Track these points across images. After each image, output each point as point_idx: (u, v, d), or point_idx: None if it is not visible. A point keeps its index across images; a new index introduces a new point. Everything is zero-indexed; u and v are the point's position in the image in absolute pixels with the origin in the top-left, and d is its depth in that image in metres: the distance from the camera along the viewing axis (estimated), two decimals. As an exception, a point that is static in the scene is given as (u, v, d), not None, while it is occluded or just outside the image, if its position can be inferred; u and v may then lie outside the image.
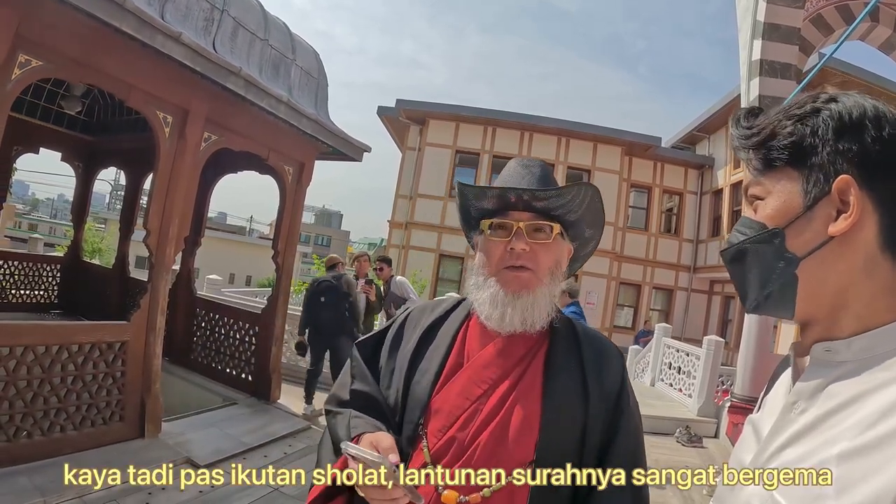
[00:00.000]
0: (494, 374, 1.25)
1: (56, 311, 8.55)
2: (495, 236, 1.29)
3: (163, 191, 4.83)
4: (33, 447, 4.01)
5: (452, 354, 1.32)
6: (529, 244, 1.26)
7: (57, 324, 5.66)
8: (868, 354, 0.72)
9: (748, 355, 8.13)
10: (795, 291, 0.77)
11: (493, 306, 1.26)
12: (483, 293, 1.28)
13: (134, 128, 7.53)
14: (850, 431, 0.66)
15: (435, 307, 1.46)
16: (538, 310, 1.27)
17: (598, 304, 20.05)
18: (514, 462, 1.17)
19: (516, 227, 1.26)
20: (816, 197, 0.74)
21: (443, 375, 1.28)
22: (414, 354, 1.33)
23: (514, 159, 1.42)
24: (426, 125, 20.60)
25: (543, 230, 1.29)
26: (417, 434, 1.24)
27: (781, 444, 0.76)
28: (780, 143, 0.77)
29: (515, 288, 1.25)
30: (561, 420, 1.21)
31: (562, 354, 1.30)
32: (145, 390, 4.79)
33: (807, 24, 8.11)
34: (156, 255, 4.87)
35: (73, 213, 8.89)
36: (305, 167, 6.78)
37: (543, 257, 1.28)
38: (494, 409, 1.22)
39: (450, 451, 1.20)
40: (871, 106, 0.73)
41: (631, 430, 1.27)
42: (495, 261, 1.28)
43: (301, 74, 6.32)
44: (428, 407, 1.25)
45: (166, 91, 4.69)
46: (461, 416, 1.22)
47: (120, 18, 3.81)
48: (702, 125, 21.11)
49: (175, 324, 7.13)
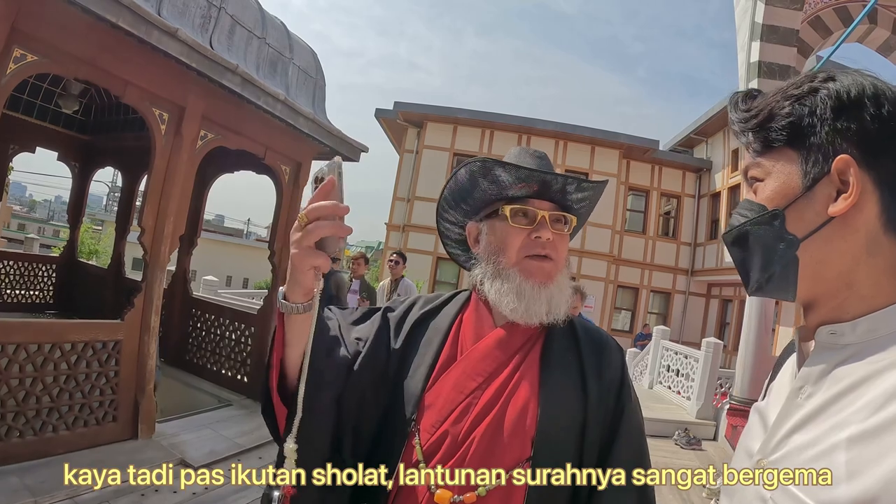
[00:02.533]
0: (490, 367, 1.22)
1: (51, 311, 8.48)
2: (517, 223, 1.24)
3: (158, 188, 4.79)
4: (25, 447, 3.96)
5: (446, 347, 1.27)
6: (553, 234, 1.23)
7: (49, 322, 5.63)
8: (873, 336, 0.71)
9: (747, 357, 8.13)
10: (797, 273, 0.76)
11: (520, 298, 1.21)
12: (504, 284, 1.23)
13: (131, 127, 7.49)
14: (858, 414, 0.66)
15: (432, 299, 1.42)
16: (562, 300, 1.25)
17: (595, 307, 20.06)
18: (511, 458, 1.13)
19: (541, 215, 1.23)
20: (816, 177, 0.73)
21: (436, 369, 1.24)
22: (402, 349, 1.29)
23: (517, 147, 1.38)
24: (424, 128, 20.63)
25: (562, 221, 1.27)
26: (409, 430, 1.19)
27: (789, 430, 0.75)
28: (779, 124, 0.76)
29: (541, 279, 1.22)
30: (559, 414, 1.17)
31: (559, 347, 1.26)
32: (139, 390, 4.74)
33: (805, 26, 8.13)
34: (150, 253, 4.83)
35: (70, 212, 8.85)
36: (302, 167, 6.72)
37: (562, 248, 1.26)
38: (490, 402, 1.18)
39: (443, 446, 1.16)
40: (869, 83, 0.72)
41: (633, 427, 1.23)
42: (516, 249, 1.24)
43: (298, 73, 6.29)
44: (421, 402, 1.20)
45: (162, 88, 4.65)
46: (455, 411, 1.18)
47: (116, 13, 3.78)
48: (700, 128, 21.16)
49: (171, 324, 7.10)
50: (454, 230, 1.43)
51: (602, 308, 20.31)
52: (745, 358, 8.18)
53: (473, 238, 1.35)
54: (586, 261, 20.00)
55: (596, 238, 19.92)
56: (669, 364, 10.50)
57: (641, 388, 11.15)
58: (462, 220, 1.39)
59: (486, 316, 1.30)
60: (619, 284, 21.29)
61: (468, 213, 1.36)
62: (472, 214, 1.35)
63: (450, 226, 1.43)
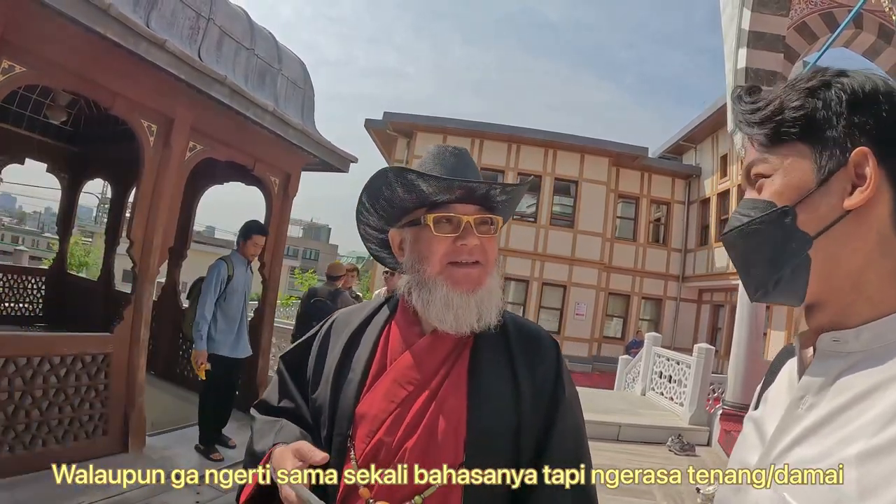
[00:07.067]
0: (419, 375, 1.20)
1: (40, 323, 8.42)
2: (441, 232, 1.20)
3: (147, 200, 4.76)
4: (14, 461, 3.91)
5: (376, 359, 1.26)
6: (479, 238, 1.21)
7: (38, 335, 5.57)
8: (879, 343, 0.69)
9: (739, 362, 8.16)
10: (808, 274, 0.73)
11: (447, 308, 1.18)
12: (430, 294, 1.20)
13: (120, 139, 7.42)
14: (867, 429, 0.63)
15: (360, 311, 1.39)
16: (492, 304, 1.22)
17: (587, 314, 20.09)
18: (445, 463, 1.13)
19: (466, 220, 1.19)
20: (831, 170, 0.71)
21: (368, 381, 1.23)
22: (340, 363, 1.27)
23: (435, 146, 1.33)
24: (414, 137, 20.62)
25: (489, 223, 1.23)
26: (346, 446, 1.19)
27: (790, 443, 0.72)
28: (791, 116, 0.74)
29: (468, 286, 1.19)
30: (490, 417, 1.16)
31: (489, 348, 1.24)
32: (129, 404, 4.70)
33: (791, 32, 8.21)
34: (139, 265, 4.79)
35: (59, 224, 8.82)
36: (292, 178, 6.70)
37: (491, 250, 1.23)
38: (420, 410, 1.17)
39: (378, 456, 1.15)
40: (881, 82, 0.72)
41: (568, 423, 1.21)
42: (439, 257, 1.20)
43: (287, 84, 6.28)
44: (354, 415, 1.20)
45: (151, 99, 4.63)
46: (387, 420, 1.17)
47: (104, 25, 3.76)
48: (688, 135, 21.32)
49: (160, 337, 7.03)
50: (376, 235, 1.39)
51: (594, 315, 20.34)
52: (738, 362, 8.20)
53: (397, 245, 1.32)
54: (577, 269, 20.03)
55: (586, 246, 19.98)
56: (662, 370, 10.48)
57: (634, 395, 11.15)
58: (384, 227, 1.35)
59: (414, 323, 1.28)
60: (610, 292, 21.34)
61: (389, 221, 1.32)
62: (394, 221, 1.31)
63: (372, 230, 1.38)
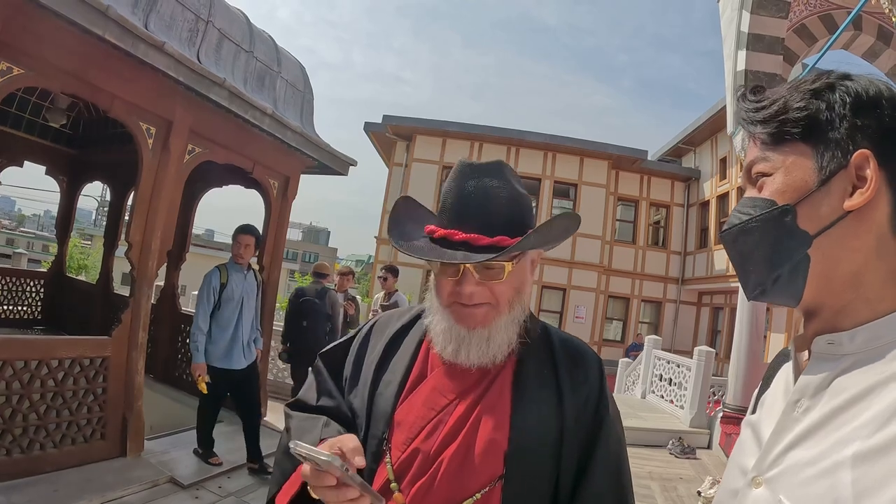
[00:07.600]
0: (461, 385, 1.19)
1: (39, 326, 8.40)
2: (443, 274, 1.17)
3: (145, 203, 4.75)
4: (12, 465, 3.89)
5: (417, 364, 1.25)
6: (481, 284, 1.15)
7: (36, 338, 5.55)
8: (874, 345, 0.69)
9: (739, 365, 8.15)
10: (806, 273, 0.74)
11: (447, 340, 1.17)
12: (437, 324, 1.20)
13: (119, 141, 7.43)
14: (862, 430, 0.63)
15: (402, 315, 1.38)
16: (497, 343, 1.17)
17: (587, 317, 20.08)
18: (484, 476, 1.11)
19: (463, 268, 1.14)
20: (833, 171, 0.72)
21: (407, 386, 1.22)
22: (378, 365, 1.26)
23: (461, 164, 1.27)
24: (413, 141, 20.65)
25: (495, 268, 1.15)
26: (381, 449, 1.17)
27: (787, 446, 0.72)
28: (795, 116, 0.75)
29: (471, 324, 1.16)
30: (532, 431, 1.14)
31: (534, 361, 1.22)
32: (127, 407, 4.68)
33: (790, 35, 8.23)
34: (138, 268, 4.78)
35: (58, 227, 8.80)
36: (291, 181, 6.70)
37: (501, 290, 1.16)
38: (461, 420, 1.15)
39: (414, 463, 1.13)
40: (885, 86, 0.73)
41: (612, 441, 1.19)
42: (445, 295, 1.18)
43: (286, 87, 6.28)
44: (391, 419, 1.18)
45: (150, 102, 4.62)
46: (425, 427, 1.15)
47: (103, 27, 3.76)
48: (687, 137, 21.34)
49: (159, 340, 7.00)
50: None
51: (593, 318, 20.32)
52: (738, 365, 8.19)
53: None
54: (576, 272, 20.02)
55: (586, 249, 19.96)
56: (662, 373, 10.48)
57: (634, 398, 11.14)
58: None
59: None
60: (609, 295, 21.34)
61: None
62: None
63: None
